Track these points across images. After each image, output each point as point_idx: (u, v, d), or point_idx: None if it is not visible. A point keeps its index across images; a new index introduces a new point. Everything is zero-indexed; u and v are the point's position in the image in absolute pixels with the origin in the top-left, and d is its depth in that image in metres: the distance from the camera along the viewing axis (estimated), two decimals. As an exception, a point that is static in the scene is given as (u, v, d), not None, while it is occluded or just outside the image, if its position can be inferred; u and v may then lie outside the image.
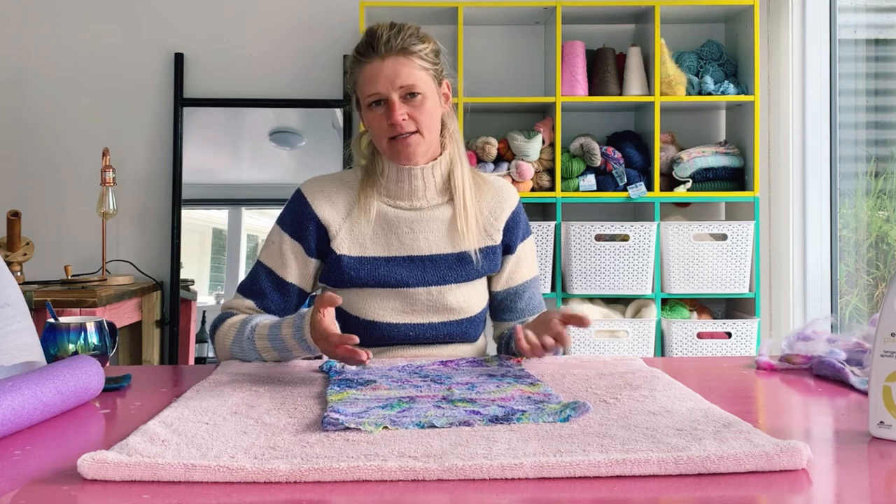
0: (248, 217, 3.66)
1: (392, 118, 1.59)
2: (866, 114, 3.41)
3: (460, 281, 1.69)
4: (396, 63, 1.59)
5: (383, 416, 1.13)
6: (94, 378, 1.29)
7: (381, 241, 1.67)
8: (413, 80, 1.60)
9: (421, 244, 1.67)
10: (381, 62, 1.59)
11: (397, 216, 1.67)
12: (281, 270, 1.69)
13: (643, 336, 3.21)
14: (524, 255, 1.76)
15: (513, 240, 1.74)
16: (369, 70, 1.60)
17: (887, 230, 3.32)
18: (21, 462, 1.00)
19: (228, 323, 1.64)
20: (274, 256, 1.70)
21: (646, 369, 1.48)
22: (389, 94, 1.59)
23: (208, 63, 3.53)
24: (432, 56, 1.64)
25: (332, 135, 3.53)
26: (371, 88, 1.60)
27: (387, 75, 1.59)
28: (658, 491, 0.88)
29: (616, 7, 3.32)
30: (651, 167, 3.30)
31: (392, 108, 1.59)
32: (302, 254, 1.68)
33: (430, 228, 1.67)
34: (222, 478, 0.90)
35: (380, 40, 1.59)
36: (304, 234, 1.68)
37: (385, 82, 1.59)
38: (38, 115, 3.51)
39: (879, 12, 3.44)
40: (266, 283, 1.69)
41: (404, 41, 1.60)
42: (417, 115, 1.61)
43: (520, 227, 1.75)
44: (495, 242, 1.72)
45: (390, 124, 1.60)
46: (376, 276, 1.66)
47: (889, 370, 1.06)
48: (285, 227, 1.70)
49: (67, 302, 2.77)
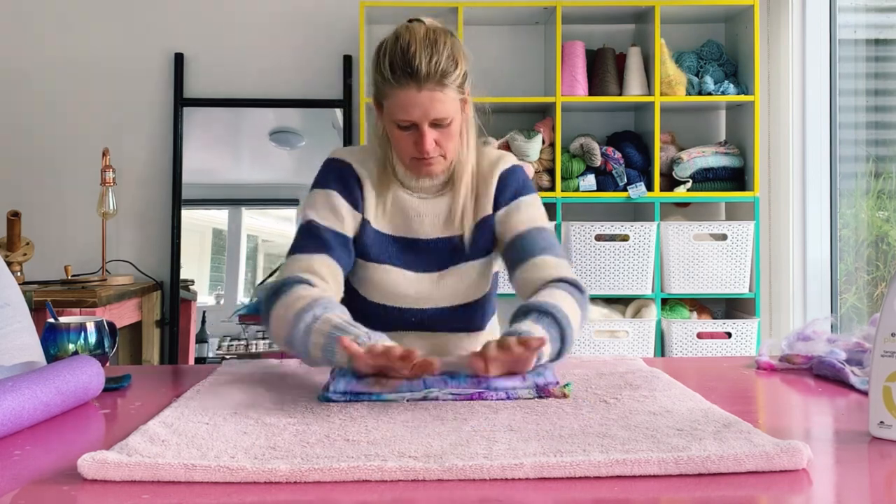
0: (248, 217, 3.66)
1: (422, 148, 1.59)
2: (866, 114, 3.41)
3: (459, 263, 1.70)
4: (432, 97, 1.57)
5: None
6: (94, 378, 1.29)
7: (393, 221, 1.70)
8: (445, 113, 1.59)
9: (426, 229, 1.69)
10: (417, 93, 1.56)
11: (409, 200, 1.70)
12: (338, 224, 1.64)
13: (643, 336, 3.21)
14: (517, 207, 1.71)
15: (502, 197, 1.72)
16: (403, 97, 1.57)
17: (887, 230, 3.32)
18: (21, 462, 1.00)
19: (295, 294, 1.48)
20: (324, 211, 1.64)
21: (646, 369, 1.48)
22: (421, 124, 1.59)
23: (208, 63, 3.53)
24: (462, 79, 1.63)
25: (332, 135, 3.53)
26: (403, 115, 1.58)
27: (422, 108, 1.57)
28: (658, 491, 0.88)
29: (616, 7, 3.32)
30: (651, 167, 3.30)
31: (423, 138, 1.59)
32: (350, 208, 1.65)
33: (432, 215, 1.70)
34: (222, 478, 0.90)
35: (419, 70, 1.55)
36: (348, 188, 1.66)
37: (419, 114, 1.57)
38: (38, 116, 3.51)
39: (879, 12, 3.44)
40: (328, 235, 1.61)
41: (441, 69, 1.57)
42: (444, 141, 1.62)
43: (510, 184, 1.72)
44: (488, 212, 1.71)
45: (418, 150, 1.61)
46: (384, 253, 1.68)
47: (889, 370, 1.06)
48: (330, 185, 1.66)
49: (67, 302, 2.78)
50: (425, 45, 1.58)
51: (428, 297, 1.70)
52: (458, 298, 1.72)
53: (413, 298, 1.70)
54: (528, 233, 1.68)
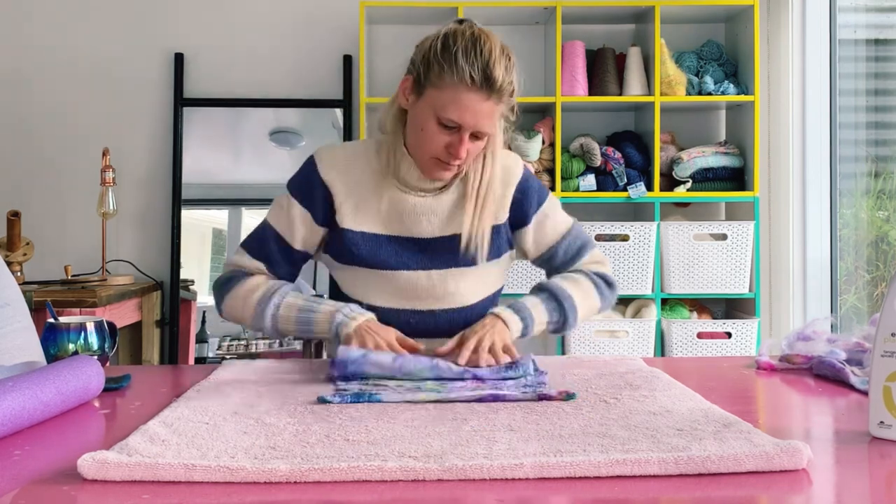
0: (248, 217, 3.66)
1: (456, 153, 1.58)
2: (866, 114, 3.41)
3: (461, 266, 1.68)
4: (491, 109, 1.56)
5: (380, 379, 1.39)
6: (94, 378, 1.29)
7: (386, 221, 1.66)
8: (492, 128, 1.60)
9: (423, 227, 1.66)
10: (483, 101, 1.55)
11: (406, 199, 1.66)
12: (289, 236, 1.69)
13: (643, 336, 3.21)
14: (544, 219, 1.73)
15: (525, 211, 1.72)
16: (466, 99, 1.55)
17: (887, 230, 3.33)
18: (21, 462, 1.00)
19: (247, 287, 1.66)
20: (282, 221, 1.70)
21: (646, 369, 1.48)
22: (467, 130, 1.57)
23: (208, 63, 3.53)
24: (514, 101, 1.63)
25: (332, 135, 3.53)
26: (456, 116, 1.56)
27: (477, 117, 1.56)
28: (658, 491, 0.88)
29: (616, 7, 3.32)
30: (651, 167, 3.30)
31: (462, 145, 1.57)
32: (310, 221, 1.68)
33: (433, 213, 1.67)
34: (222, 478, 0.90)
35: (495, 80, 1.54)
36: (312, 200, 1.67)
37: (472, 121, 1.56)
38: (38, 115, 3.51)
39: (879, 12, 3.44)
40: (274, 247, 1.69)
41: (511, 88, 1.58)
42: (473, 151, 1.61)
43: (529, 197, 1.72)
44: (500, 221, 1.70)
45: (449, 153, 1.59)
46: (377, 254, 1.66)
47: (889, 370, 1.06)
48: (294, 192, 1.70)
49: (67, 302, 2.77)
50: (503, 57, 1.57)
51: (427, 299, 1.68)
52: (458, 301, 1.69)
53: (412, 300, 1.68)
54: (563, 241, 1.75)
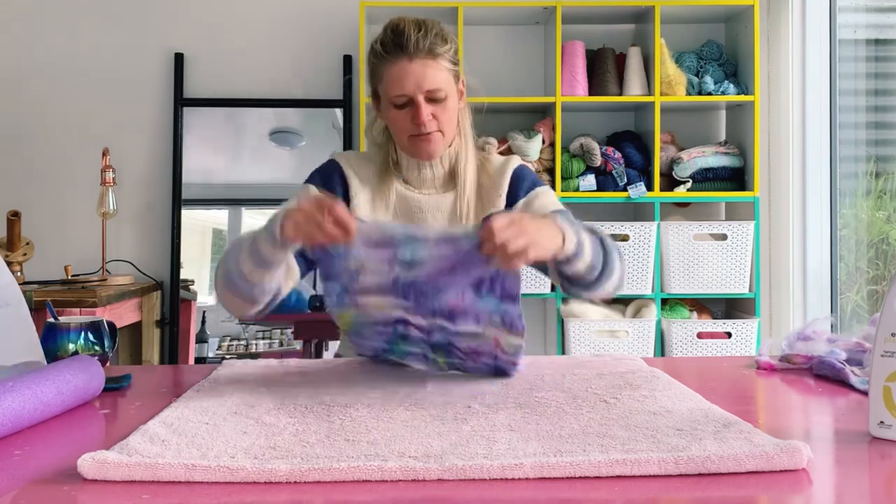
0: (248, 217, 3.66)
1: (418, 119, 1.63)
2: (866, 114, 3.41)
3: None
4: (424, 66, 1.61)
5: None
6: (94, 378, 1.29)
7: (394, 216, 1.72)
8: (439, 84, 1.63)
9: (430, 224, 1.72)
10: (409, 63, 1.61)
11: (412, 197, 1.73)
12: None
13: (643, 336, 3.21)
14: (534, 198, 1.74)
15: (517, 194, 1.74)
16: (396, 70, 1.62)
17: (888, 230, 3.33)
18: (21, 462, 1.00)
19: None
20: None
21: (646, 369, 1.48)
22: (416, 95, 1.63)
23: (208, 63, 3.53)
24: (454, 56, 1.67)
25: (332, 135, 3.53)
26: (399, 90, 1.63)
27: (415, 78, 1.61)
28: (658, 491, 0.88)
29: (616, 7, 3.32)
30: (651, 167, 3.30)
31: (419, 110, 1.63)
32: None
33: (439, 209, 1.73)
34: (222, 478, 0.90)
35: (409, 41, 1.60)
36: (331, 185, 1.72)
37: (412, 85, 1.62)
38: (38, 115, 3.51)
39: (879, 12, 3.44)
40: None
41: (431, 43, 1.62)
42: (440, 115, 1.65)
43: (522, 181, 1.75)
44: (498, 209, 1.73)
45: (415, 124, 1.64)
46: None
47: (889, 370, 1.06)
48: (315, 182, 1.74)
49: (67, 302, 2.78)
50: (414, 22, 1.64)
51: None
52: None
53: None
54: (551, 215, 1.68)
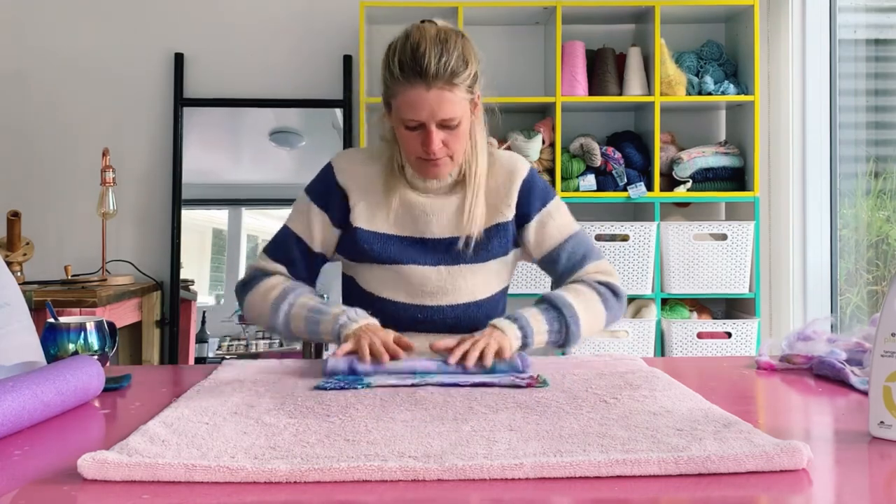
0: (248, 217, 3.66)
1: (429, 147, 1.61)
2: (866, 114, 3.42)
3: (469, 262, 1.72)
4: (440, 96, 1.57)
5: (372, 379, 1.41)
6: (94, 378, 1.29)
7: (397, 221, 1.72)
8: (454, 113, 1.60)
9: (433, 228, 1.71)
10: (426, 91, 1.57)
11: (416, 200, 1.72)
12: (308, 239, 1.75)
13: (643, 336, 3.21)
14: (548, 219, 1.74)
15: (528, 209, 1.74)
16: (412, 95, 1.58)
17: (888, 230, 3.33)
18: (21, 462, 1.00)
19: (266, 286, 1.71)
20: (302, 224, 1.76)
21: (646, 369, 1.48)
22: (429, 123, 1.59)
23: (208, 63, 3.53)
24: (472, 80, 1.63)
25: (332, 135, 3.53)
26: (411, 115, 1.59)
27: (429, 107, 1.58)
28: (658, 491, 0.88)
29: (616, 7, 3.32)
30: (651, 167, 3.30)
31: (430, 137, 1.60)
32: (328, 223, 1.74)
33: (443, 212, 1.71)
34: (222, 478, 0.90)
35: (428, 68, 1.56)
36: (329, 203, 1.74)
37: (426, 113, 1.58)
38: (38, 115, 3.51)
39: (879, 12, 3.44)
40: (294, 250, 1.75)
41: (450, 69, 1.57)
42: (452, 142, 1.63)
43: (534, 194, 1.74)
44: (507, 219, 1.73)
45: (425, 150, 1.62)
46: (388, 252, 1.71)
47: (889, 370, 1.06)
48: (313, 196, 1.76)
49: (67, 302, 2.77)
50: (435, 43, 1.58)
51: (436, 294, 1.72)
52: (466, 297, 1.73)
53: (421, 296, 1.72)
54: (566, 244, 1.74)
